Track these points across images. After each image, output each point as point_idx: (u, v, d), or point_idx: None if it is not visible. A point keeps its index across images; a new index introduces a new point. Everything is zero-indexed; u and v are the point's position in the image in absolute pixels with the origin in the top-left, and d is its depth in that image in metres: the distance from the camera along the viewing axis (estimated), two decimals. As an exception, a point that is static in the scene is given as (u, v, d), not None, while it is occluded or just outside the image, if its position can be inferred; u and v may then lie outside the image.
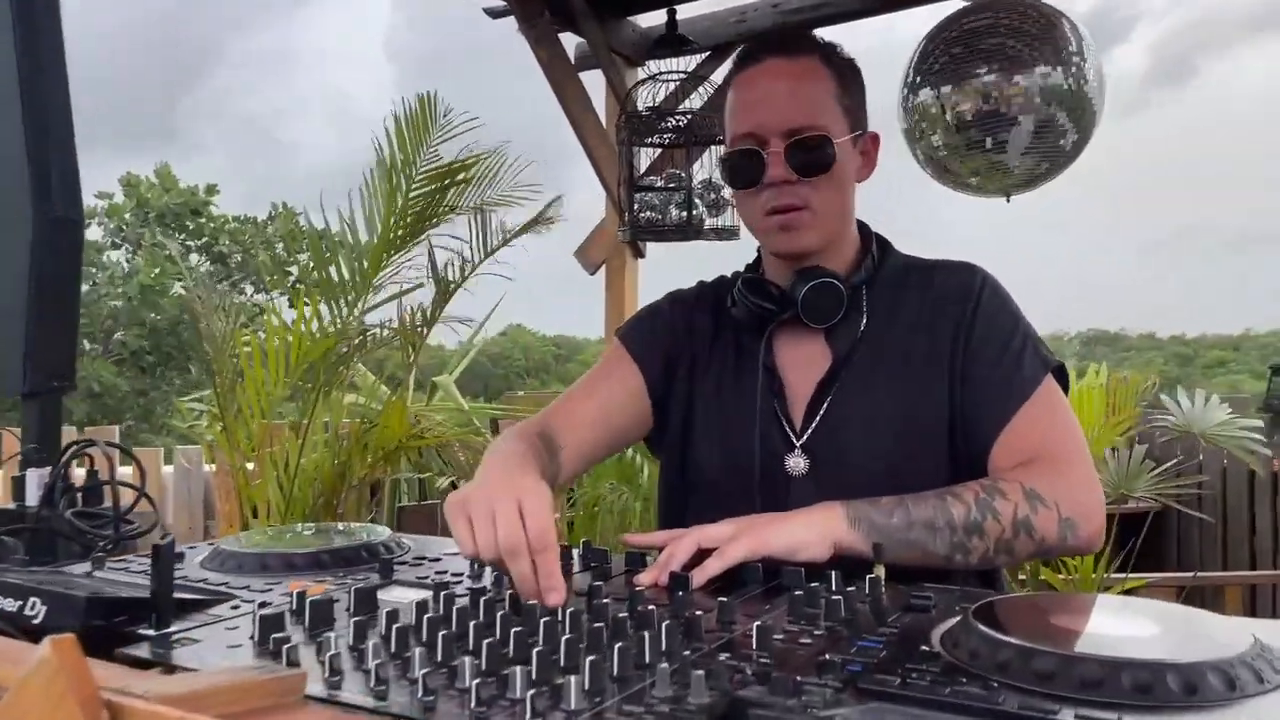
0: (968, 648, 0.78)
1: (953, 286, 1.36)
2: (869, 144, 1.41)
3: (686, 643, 0.82)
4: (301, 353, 2.95)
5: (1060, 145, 2.84)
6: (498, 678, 0.73)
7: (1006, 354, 1.30)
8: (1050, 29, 2.78)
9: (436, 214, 3.17)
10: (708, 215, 3.00)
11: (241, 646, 0.84)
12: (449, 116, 3.10)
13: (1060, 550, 1.22)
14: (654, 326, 1.51)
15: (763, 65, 1.35)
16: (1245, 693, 0.69)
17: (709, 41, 3.37)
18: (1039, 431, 1.26)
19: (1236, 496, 4.77)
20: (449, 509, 1.04)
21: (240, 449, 3.01)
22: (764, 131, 1.32)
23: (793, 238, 1.35)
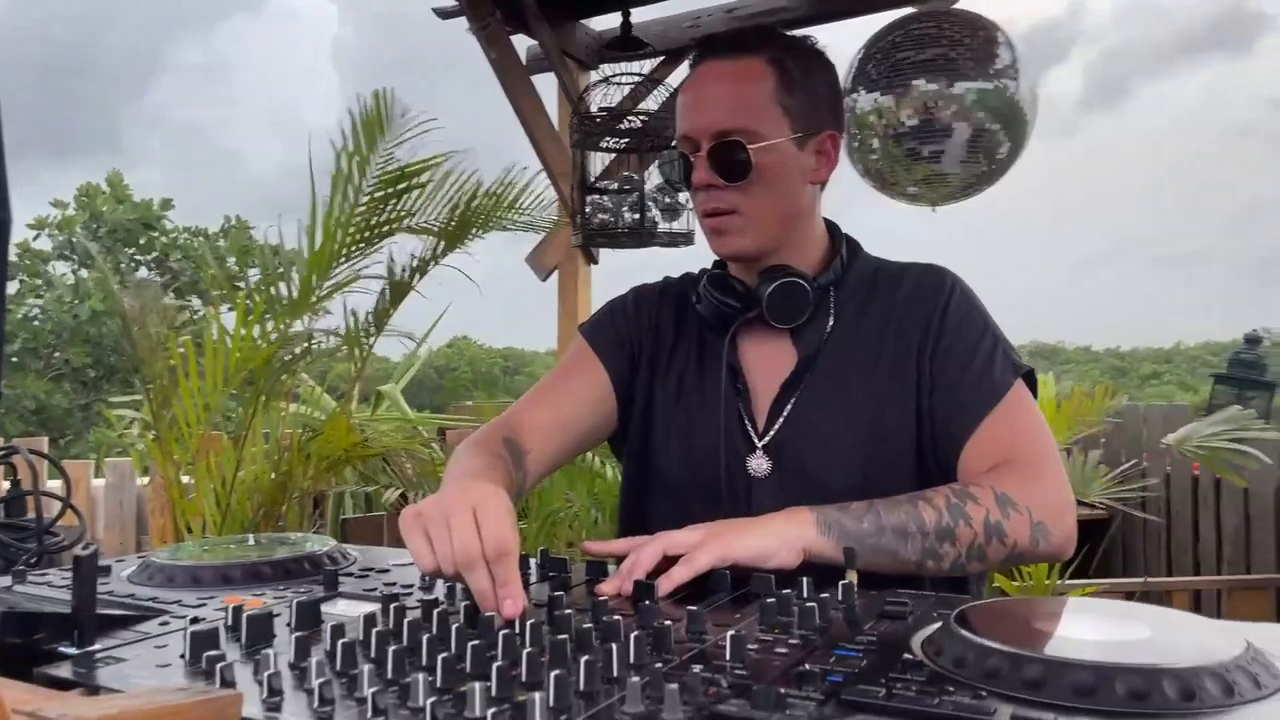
0: (952, 655, 0.74)
1: (921, 289, 1.33)
2: (827, 143, 1.35)
3: (656, 655, 0.77)
4: (241, 359, 2.84)
5: (995, 155, 2.87)
6: (454, 695, 0.67)
7: (976, 358, 1.27)
8: (987, 42, 2.82)
9: (391, 221, 3.03)
10: (662, 219, 2.96)
11: (171, 666, 0.77)
12: (406, 118, 2.95)
13: (1032, 556, 1.19)
14: (617, 322, 1.47)
15: (706, 66, 1.33)
16: (1243, 698, 0.67)
17: (662, 45, 3.34)
18: (1009, 436, 1.24)
19: (1180, 504, 4.85)
20: (404, 523, 0.98)
21: (175, 460, 2.89)
22: (694, 135, 1.30)
23: (724, 241, 1.33)
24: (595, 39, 3.52)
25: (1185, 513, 4.84)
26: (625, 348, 1.44)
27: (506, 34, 3.27)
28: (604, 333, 1.46)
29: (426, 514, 0.96)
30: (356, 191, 2.94)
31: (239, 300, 2.98)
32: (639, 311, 1.47)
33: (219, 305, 3.12)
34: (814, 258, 1.38)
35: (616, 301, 1.51)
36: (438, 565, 0.94)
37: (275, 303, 2.94)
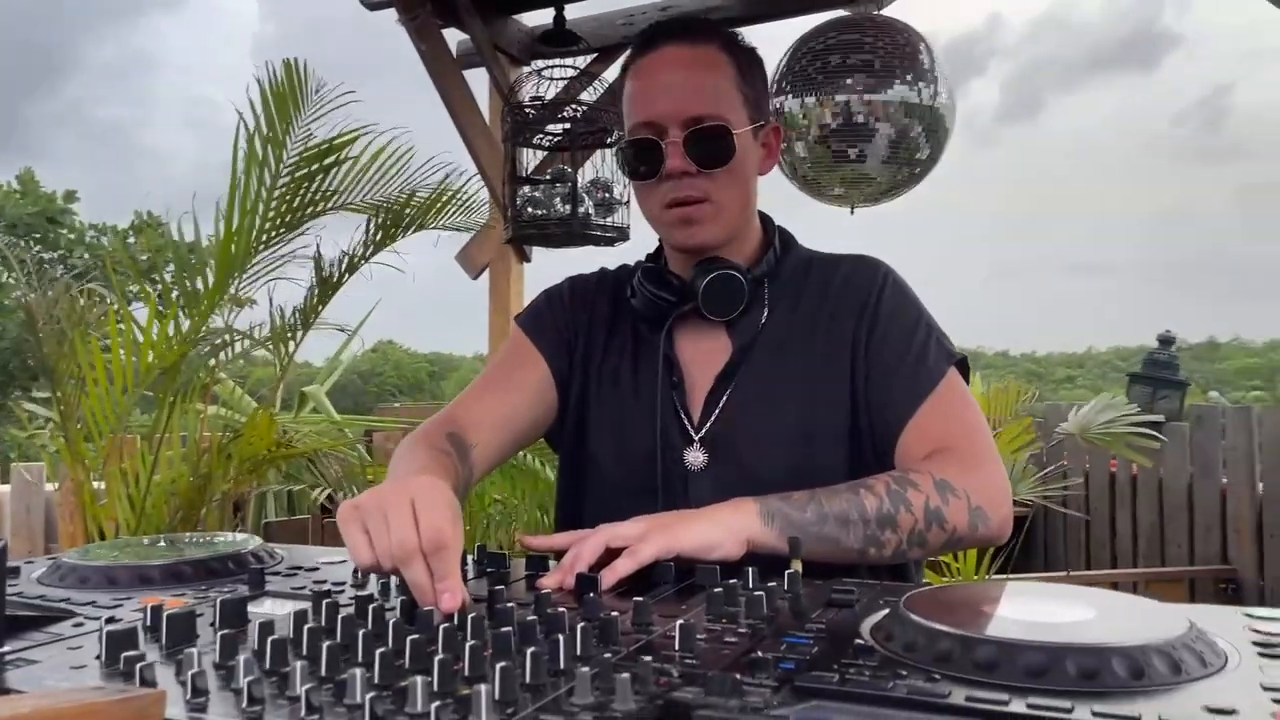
0: (903, 640, 0.73)
1: (855, 280, 1.33)
2: (770, 136, 1.36)
3: (603, 646, 0.75)
4: (155, 358, 2.72)
5: (916, 158, 2.93)
6: (394, 691, 0.64)
7: (910, 347, 1.28)
8: (910, 49, 2.88)
9: (316, 201, 2.84)
10: (595, 214, 2.93)
11: (87, 667, 0.72)
12: (321, 93, 2.75)
13: (971, 540, 1.20)
14: (555, 311, 1.44)
15: (662, 52, 1.29)
16: (1190, 676, 0.67)
17: (596, 42, 3.32)
18: (945, 423, 1.25)
19: (1099, 499, 5.00)
20: (341, 518, 0.95)
21: (86, 464, 2.76)
22: (663, 121, 1.27)
23: (693, 231, 1.30)
24: (528, 34, 3.48)
25: (1103, 509, 4.99)
26: (562, 337, 1.42)
27: (437, 27, 3.21)
28: (541, 322, 1.43)
29: (364, 508, 0.92)
30: (274, 175, 2.77)
31: (150, 298, 2.84)
32: (574, 301, 1.44)
33: (124, 299, 2.96)
34: (750, 249, 1.37)
35: (553, 290, 1.48)
36: (376, 560, 0.90)
37: (194, 298, 2.82)
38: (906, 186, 3.05)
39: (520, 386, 1.38)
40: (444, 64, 3.22)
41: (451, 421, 1.32)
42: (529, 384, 1.39)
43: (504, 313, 3.37)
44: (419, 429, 1.34)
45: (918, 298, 1.35)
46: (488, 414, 1.34)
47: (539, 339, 1.41)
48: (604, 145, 3.00)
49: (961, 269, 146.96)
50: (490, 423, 1.33)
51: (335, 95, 2.76)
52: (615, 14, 3.34)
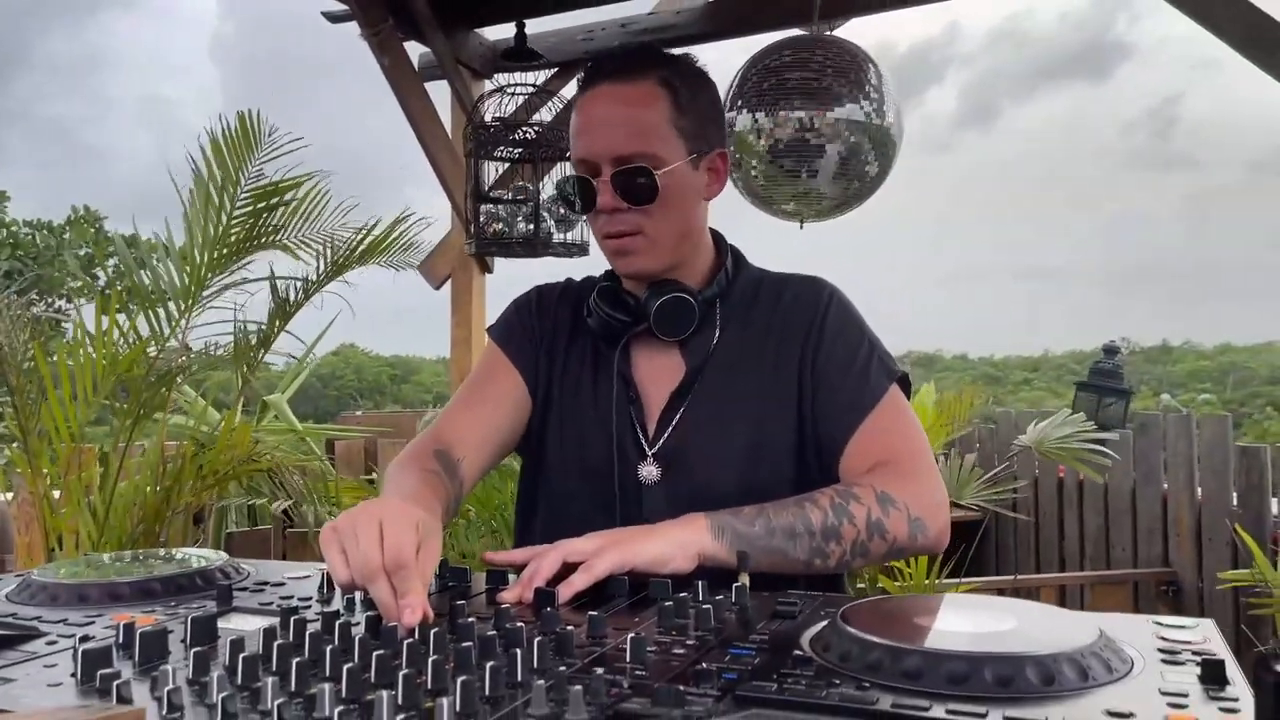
0: (838, 650, 0.79)
1: (801, 300, 1.39)
2: (717, 161, 1.39)
3: (559, 659, 0.80)
4: (112, 366, 2.73)
5: (865, 174, 3.01)
6: (361, 704, 0.68)
7: (853, 365, 1.34)
8: (858, 70, 2.96)
9: (263, 235, 3.06)
10: (556, 230, 2.98)
11: (62, 685, 0.75)
12: (274, 136, 3.02)
13: (911, 549, 1.26)
14: (524, 321, 1.48)
15: (597, 90, 1.33)
16: (1097, 681, 0.73)
17: (557, 57, 3.36)
18: (886, 438, 1.31)
19: (1047, 505, 5.13)
20: (322, 539, 1.00)
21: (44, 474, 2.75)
22: (594, 159, 1.32)
23: (628, 261, 1.35)
24: (489, 48, 3.52)
25: (1052, 512, 5.12)
26: (531, 346, 1.46)
27: (399, 40, 3.24)
28: (513, 333, 1.48)
29: (341, 529, 0.98)
30: (228, 214, 3.01)
31: (98, 298, 2.89)
32: (542, 310, 1.48)
33: (78, 299, 3.05)
34: (701, 271, 1.42)
35: (521, 300, 1.52)
36: (350, 578, 0.95)
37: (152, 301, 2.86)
38: (856, 202, 3.14)
39: (498, 399, 1.42)
40: (406, 77, 3.25)
41: (438, 439, 1.36)
42: (506, 396, 1.43)
43: (466, 323, 3.40)
44: (409, 448, 1.38)
45: (861, 317, 1.41)
46: (470, 429, 1.39)
47: (510, 350, 1.45)
48: (564, 159, 3.05)
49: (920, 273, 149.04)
50: (473, 437, 1.38)
51: (286, 140, 3.06)
52: (575, 29, 3.39)
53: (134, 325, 2.87)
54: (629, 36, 3.29)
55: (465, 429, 1.39)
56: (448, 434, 1.38)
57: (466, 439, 1.37)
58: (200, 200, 2.99)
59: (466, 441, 1.37)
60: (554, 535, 1.29)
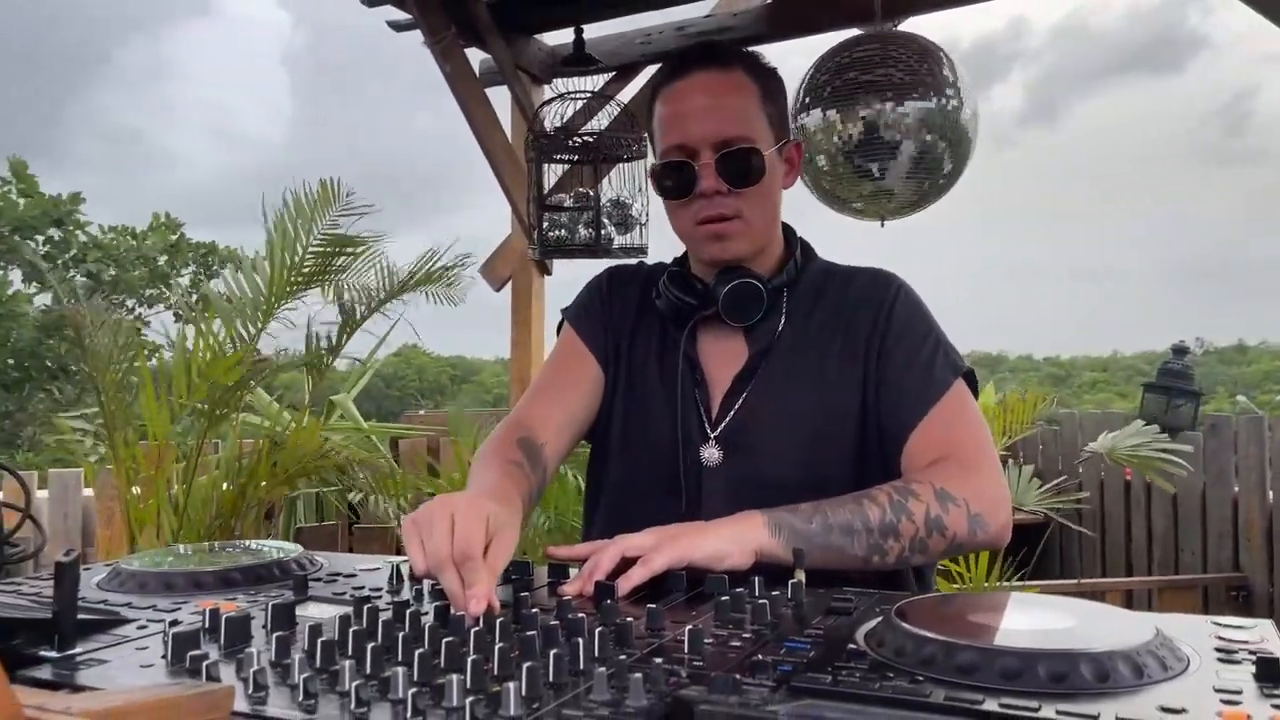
0: (893, 645, 0.80)
1: (868, 293, 1.40)
2: (792, 152, 1.44)
3: (618, 649, 0.82)
4: (205, 373, 2.89)
5: (938, 172, 2.97)
6: (432, 687, 0.71)
7: (919, 358, 1.35)
8: (932, 64, 2.92)
9: (330, 273, 3.51)
10: (616, 234, 3.02)
11: (154, 666, 0.80)
12: (350, 198, 3.47)
13: (971, 546, 1.27)
14: (596, 305, 1.52)
15: (691, 78, 1.37)
16: (1152, 679, 0.74)
17: (615, 62, 3.40)
18: (948, 432, 1.31)
19: (1114, 507, 5.03)
20: (404, 530, 1.06)
21: (128, 471, 2.87)
22: (694, 143, 1.35)
23: (725, 246, 1.38)
24: (549, 54, 3.57)
25: (1118, 515, 5.02)
26: (607, 330, 1.49)
27: (461, 48, 3.30)
28: (587, 317, 1.51)
29: (418, 521, 1.04)
30: (303, 247, 3.43)
31: (199, 318, 3.11)
32: (613, 293, 1.52)
33: (155, 305, 3.29)
34: (772, 259, 1.44)
35: (593, 282, 1.56)
36: (426, 567, 1.00)
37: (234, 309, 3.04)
38: (930, 200, 3.10)
39: (575, 383, 1.47)
40: (468, 83, 3.31)
41: (520, 426, 1.41)
42: (583, 382, 1.47)
43: (525, 324, 3.45)
44: (491, 439, 1.42)
45: (929, 312, 1.42)
46: (551, 413, 1.43)
47: (585, 333, 1.50)
48: (622, 161, 3.08)
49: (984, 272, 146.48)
50: (556, 423, 1.42)
51: (360, 203, 3.54)
52: (633, 34, 3.42)
53: (231, 332, 3.08)
54: (686, 39, 3.31)
55: (546, 414, 1.43)
56: (529, 420, 1.42)
57: (548, 424, 1.41)
58: (279, 239, 3.40)
59: (548, 427, 1.41)
60: (618, 515, 1.34)
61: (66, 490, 4.16)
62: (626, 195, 3.04)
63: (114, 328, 2.93)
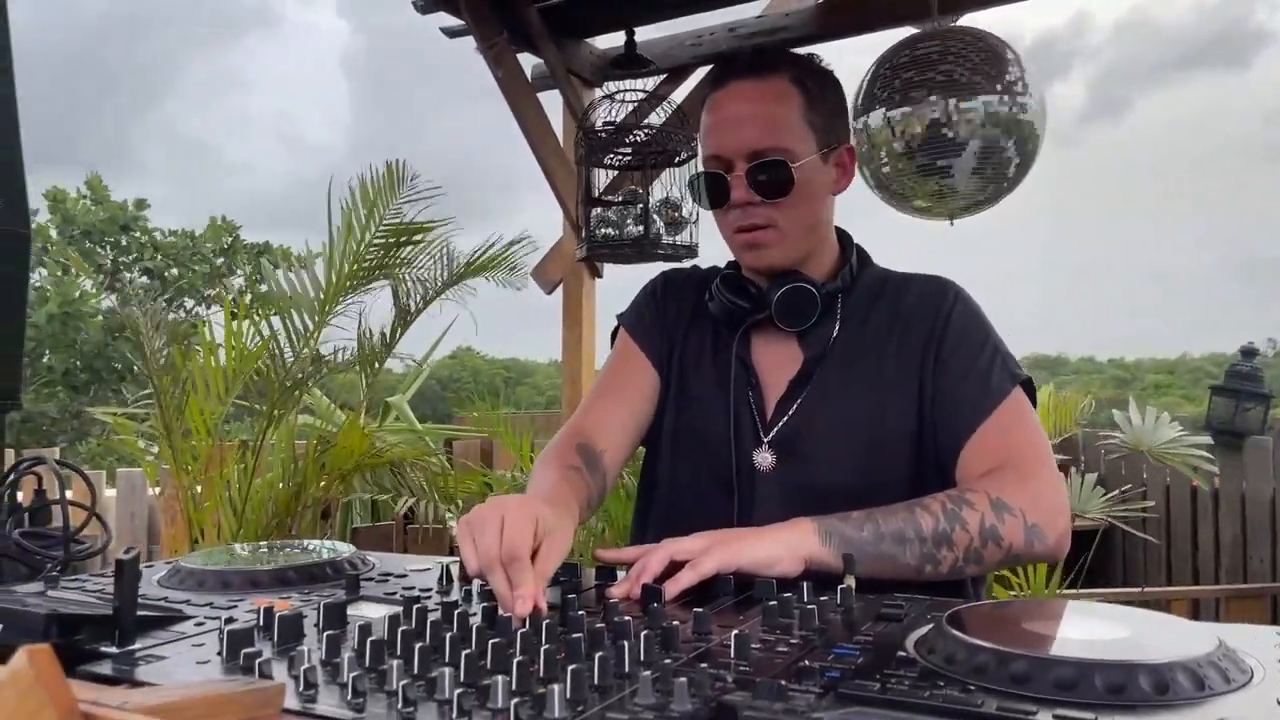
0: (943, 653, 0.79)
1: (925, 299, 1.39)
2: (844, 156, 1.42)
3: (664, 652, 0.82)
4: (240, 367, 2.94)
5: (1004, 170, 2.91)
6: (478, 688, 0.72)
7: (976, 366, 1.33)
8: (995, 58, 2.86)
9: (393, 265, 3.42)
10: (665, 233, 3.02)
11: (210, 663, 0.82)
12: (414, 181, 3.39)
13: (1029, 557, 1.24)
14: (652, 308, 1.53)
15: (730, 88, 1.37)
16: (1213, 691, 0.71)
17: (667, 63, 3.40)
18: (1005, 441, 1.29)
19: (1180, 514, 4.89)
20: (457, 530, 1.08)
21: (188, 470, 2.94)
22: (728, 154, 1.35)
23: (759, 255, 1.38)
24: (600, 57, 3.58)
25: (1184, 522, 4.88)
26: (661, 334, 1.50)
27: (513, 53, 3.33)
28: (642, 322, 1.52)
29: (471, 522, 1.05)
30: (363, 244, 3.33)
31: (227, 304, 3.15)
32: (668, 295, 1.53)
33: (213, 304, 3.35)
34: (826, 265, 1.43)
35: (649, 286, 1.57)
36: (477, 567, 1.02)
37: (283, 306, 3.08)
38: (996, 199, 3.04)
39: (635, 389, 1.48)
40: (520, 88, 3.33)
41: (580, 432, 1.42)
42: (640, 386, 1.48)
43: (576, 327, 3.47)
44: (551, 445, 1.44)
45: (986, 319, 1.40)
46: (611, 419, 1.44)
47: (640, 336, 1.50)
48: (672, 164, 3.08)
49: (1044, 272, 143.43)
50: (615, 427, 1.44)
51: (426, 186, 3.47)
52: (685, 35, 3.41)
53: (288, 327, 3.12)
54: (737, 41, 3.30)
55: (604, 420, 1.44)
56: (588, 426, 1.43)
57: (608, 429, 1.42)
58: (344, 229, 3.35)
59: (608, 432, 1.42)
60: (669, 517, 1.34)
61: (133, 489, 4.28)
62: (677, 195, 3.04)
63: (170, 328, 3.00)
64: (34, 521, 1.50)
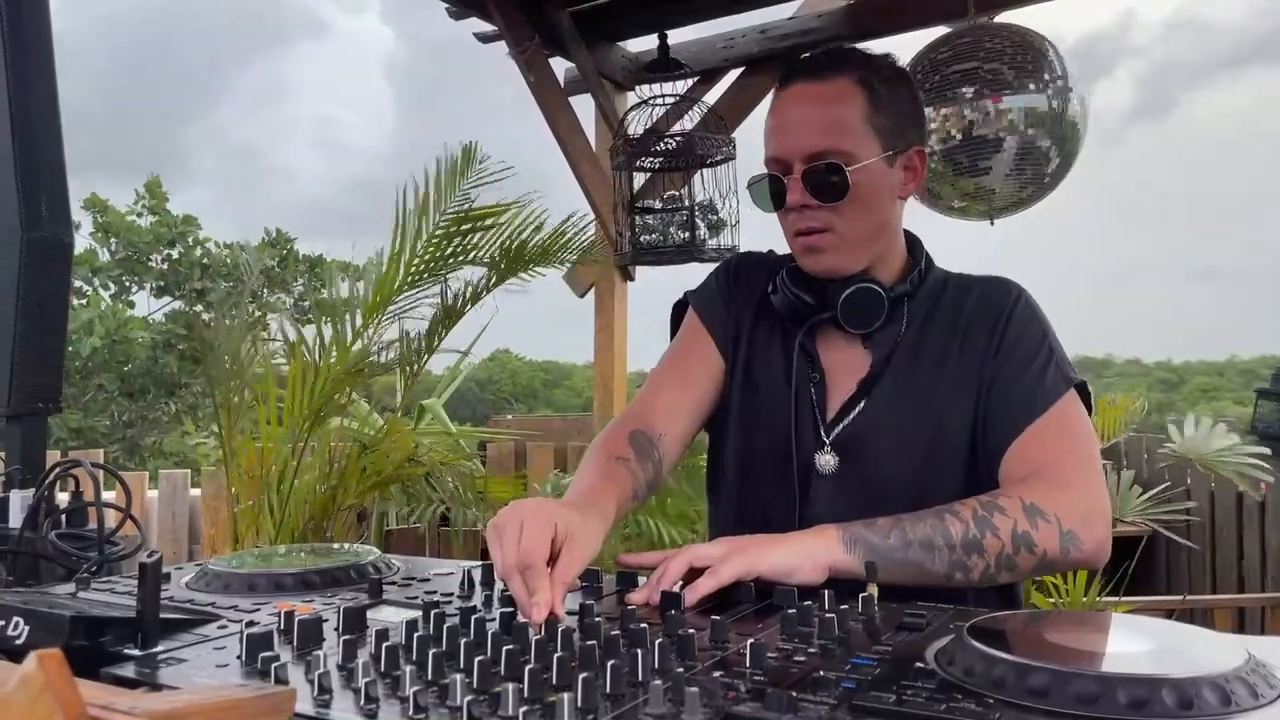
0: (963, 665, 0.78)
1: (987, 300, 1.36)
2: (914, 159, 1.38)
3: (679, 660, 0.82)
4: (325, 377, 2.96)
5: (1043, 170, 2.86)
6: (489, 695, 0.72)
7: (1030, 367, 1.30)
8: (1036, 55, 2.81)
9: (453, 256, 3.24)
10: (709, 235, 3.02)
11: (229, 666, 0.83)
12: (484, 164, 3.20)
13: (1065, 564, 1.21)
14: (722, 291, 1.51)
15: (792, 89, 1.35)
16: (1240, 707, 0.69)
17: (698, 66, 3.40)
18: (1050, 443, 1.26)
19: (1225, 521, 4.78)
20: (487, 533, 1.08)
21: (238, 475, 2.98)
22: (786, 157, 1.33)
23: (818, 259, 1.35)
24: (631, 61, 3.58)
25: (1229, 529, 4.77)
26: (730, 318, 1.48)
27: (545, 58, 3.34)
28: (711, 304, 1.50)
29: (497, 526, 1.05)
30: (426, 240, 3.17)
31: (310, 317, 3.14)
32: (739, 277, 1.51)
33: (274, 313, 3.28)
34: (894, 268, 1.41)
35: (721, 266, 1.55)
36: (501, 572, 1.03)
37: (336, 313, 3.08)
38: (1034, 199, 2.98)
39: (699, 372, 1.46)
40: (551, 92, 3.35)
41: (637, 418, 1.41)
42: (705, 369, 1.46)
43: (608, 329, 3.48)
44: (604, 433, 1.42)
45: (1047, 321, 1.37)
46: (673, 402, 1.44)
47: (707, 318, 1.49)
48: (710, 164, 3.08)
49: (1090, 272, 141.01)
50: (676, 410, 1.43)
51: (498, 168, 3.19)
52: (716, 37, 3.41)
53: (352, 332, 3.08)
54: (770, 43, 3.29)
55: (666, 401, 1.43)
56: (649, 409, 1.42)
57: (668, 412, 1.42)
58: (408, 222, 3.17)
59: (668, 415, 1.41)
60: (735, 514, 1.37)
61: (175, 490, 4.36)
62: (716, 197, 3.03)
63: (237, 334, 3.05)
64: (71, 523, 1.53)
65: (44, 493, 1.45)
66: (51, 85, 1.68)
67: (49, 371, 1.69)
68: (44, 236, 1.64)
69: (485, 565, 1.17)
